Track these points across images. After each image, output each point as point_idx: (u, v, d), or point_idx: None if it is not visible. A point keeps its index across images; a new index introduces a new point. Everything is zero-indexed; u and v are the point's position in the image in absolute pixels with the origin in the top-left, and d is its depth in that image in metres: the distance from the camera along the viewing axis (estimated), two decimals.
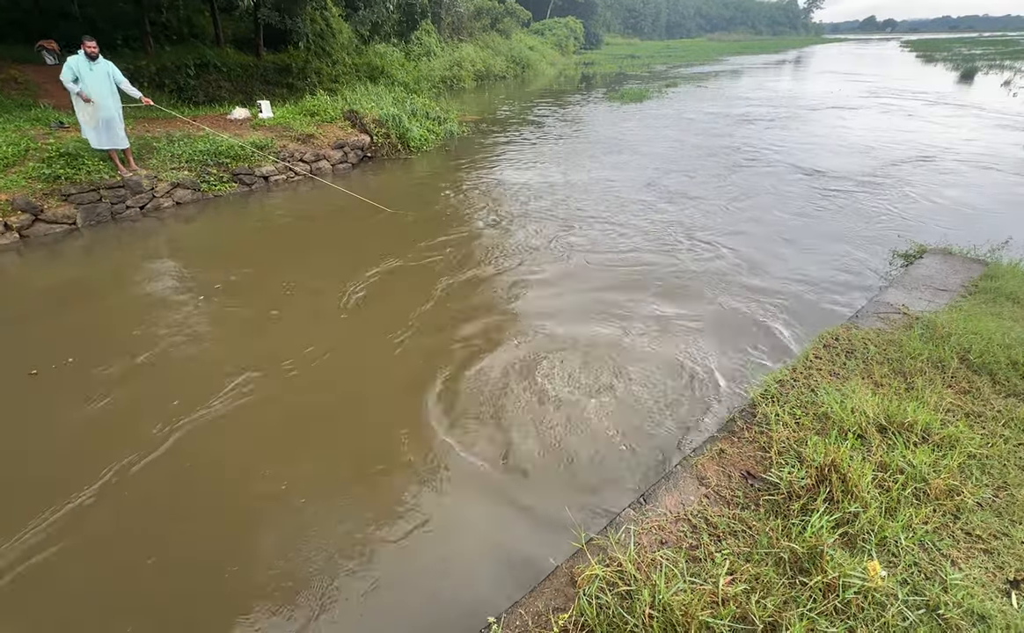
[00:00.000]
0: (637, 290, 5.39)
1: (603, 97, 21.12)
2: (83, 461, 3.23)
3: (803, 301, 5.23)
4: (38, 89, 11.25)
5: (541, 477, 3.06)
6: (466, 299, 5.26)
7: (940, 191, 8.75)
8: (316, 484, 3.06)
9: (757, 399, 3.16)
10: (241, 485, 3.09)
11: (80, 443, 3.44)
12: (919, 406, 2.84)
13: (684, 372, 4.01)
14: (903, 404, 2.85)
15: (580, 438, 3.34)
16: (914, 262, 5.77)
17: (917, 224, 7.36)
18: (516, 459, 3.19)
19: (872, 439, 2.65)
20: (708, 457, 2.73)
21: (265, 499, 2.97)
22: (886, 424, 2.72)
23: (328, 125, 11.10)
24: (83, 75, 6.79)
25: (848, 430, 2.71)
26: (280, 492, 3.00)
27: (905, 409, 2.78)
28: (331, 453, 3.31)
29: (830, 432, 2.69)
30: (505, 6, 37.15)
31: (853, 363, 3.54)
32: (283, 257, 6.41)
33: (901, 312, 4.41)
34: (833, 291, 5.47)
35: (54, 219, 6.91)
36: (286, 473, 3.13)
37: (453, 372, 4.04)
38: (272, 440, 3.43)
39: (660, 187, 9.00)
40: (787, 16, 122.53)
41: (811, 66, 40.08)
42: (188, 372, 4.15)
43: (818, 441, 2.58)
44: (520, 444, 3.30)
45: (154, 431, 3.46)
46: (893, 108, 17.58)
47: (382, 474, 3.14)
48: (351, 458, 3.28)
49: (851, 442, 2.59)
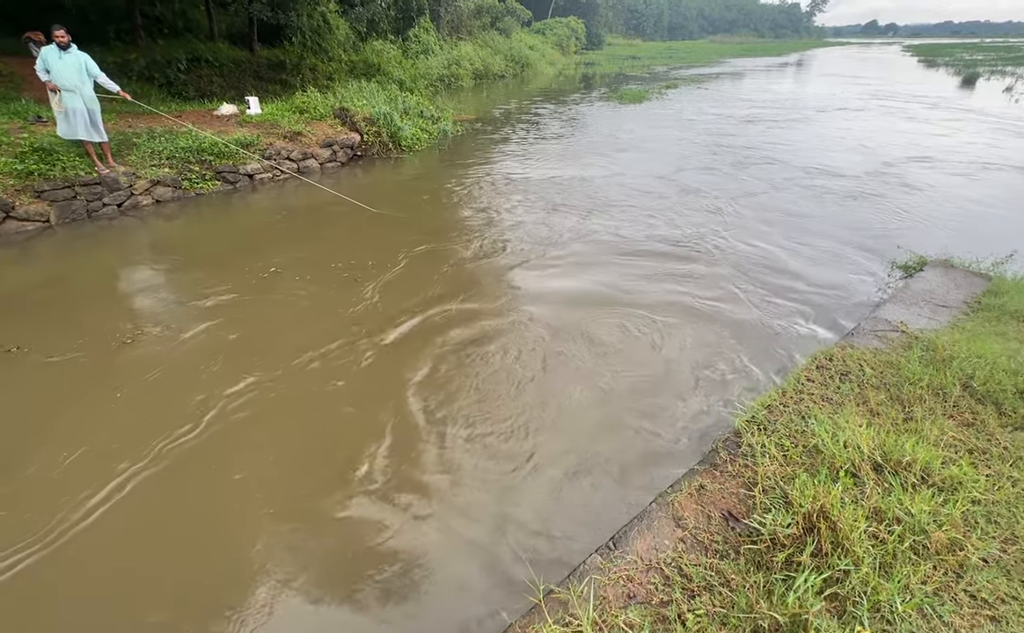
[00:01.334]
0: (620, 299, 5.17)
1: (601, 97, 20.87)
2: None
3: (797, 308, 5.02)
4: (22, 82, 11.00)
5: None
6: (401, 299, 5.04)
7: (942, 196, 8.55)
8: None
9: (742, 427, 2.93)
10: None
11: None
12: (918, 441, 2.61)
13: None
14: (901, 438, 2.62)
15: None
16: (914, 275, 5.55)
17: (916, 229, 7.16)
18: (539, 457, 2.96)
19: (866, 478, 2.42)
20: (686, 494, 2.50)
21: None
22: (882, 461, 2.49)
23: (318, 123, 10.86)
24: (52, 65, 6.58)
25: (840, 467, 2.48)
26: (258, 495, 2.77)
27: (903, 444, 2.55)
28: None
29: (820, 469, 2.46)
30: (506, 5, 36.87)
31: (848, 387, 3.31)
32: (262, 256, 6.18)
33: (899, 330, 4.18)
34: (828, 300, 5.25)
35: (26, 216, 6.67)
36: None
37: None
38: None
39: (657, 191, 8.77)
40: (789, 19, 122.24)
41: (813, 69, 39.86)
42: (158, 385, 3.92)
43: (807, 480, 2.35)
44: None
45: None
46: (894, 111, 17.37)
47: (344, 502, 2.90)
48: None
49: (843, 483, 2.35)
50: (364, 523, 2.73)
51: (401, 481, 3.00)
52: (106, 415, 3.56)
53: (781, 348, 4.41)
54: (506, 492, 2.93)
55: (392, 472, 3.06)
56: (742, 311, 5.00)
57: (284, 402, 3.70)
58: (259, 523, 2.73)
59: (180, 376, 3.96)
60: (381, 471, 3.06)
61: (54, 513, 2.77)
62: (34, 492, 2.93)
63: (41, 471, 3.07)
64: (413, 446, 3.27)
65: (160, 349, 4.33)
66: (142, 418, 3.51)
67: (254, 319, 4.83)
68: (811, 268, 6.00)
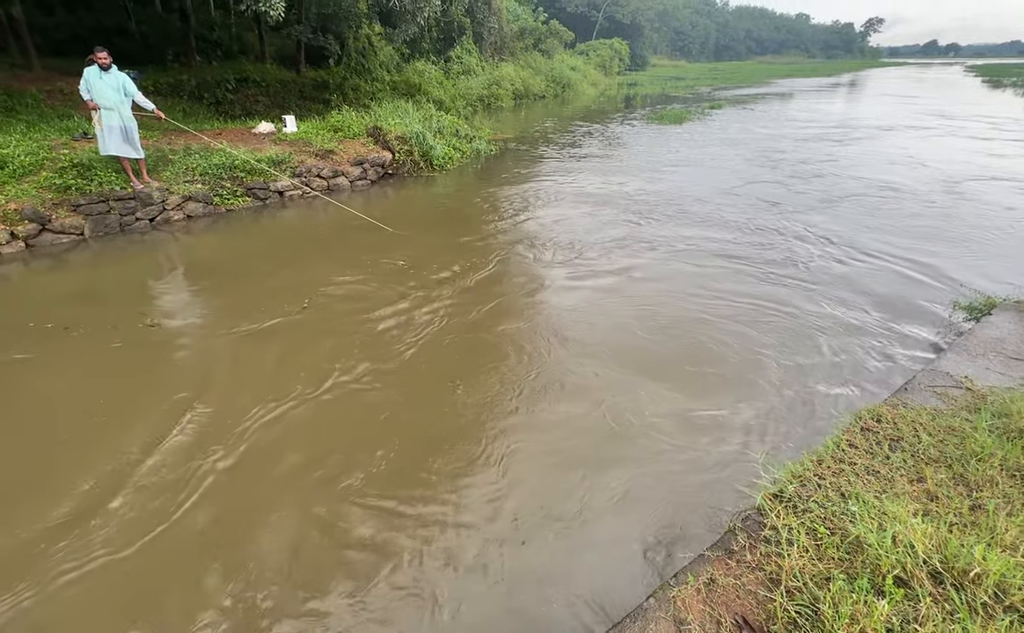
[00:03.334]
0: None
1: (641, 118, 20.45)
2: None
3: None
4: (80, 101, 11.69)
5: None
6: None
7: (1013, 222, 7.76)
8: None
9: (766, 503, 2.49)
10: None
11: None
12: (990, 543, 2.11)
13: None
14: (967, 537, 2.12)
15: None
16: (980, 319, 4.88)
17: (982, 260, 6.46)
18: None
19: (921, 592, 1.94)
20: (693, 589, 2.09)
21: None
22: (942, 569, 2.01)
23: (350, 141, 10.98)
24: (93, 84, 6.88)
25: (888, 572, 2.01)
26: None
27: (970, 547, 2.06)
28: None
29: (861, 573, 2.00)
30: (549, 27, 37.16)
31: (899, 458, 2.80)
32: (285, 271, 6.12)
33: (963, 387, 3.60)
34: (878, 342, 4.67)
35: (61, 229, 6.90)
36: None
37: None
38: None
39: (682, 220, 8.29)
40: (842, 40, 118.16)
41: (867, 88, 38.08)
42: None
43: (843, 588, 1.90)
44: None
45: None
46: (960, 131, 16.19)
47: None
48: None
49: (891, 597, 1.89)
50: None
51: (399, 484, 2.71)
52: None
53: (819, 402, 3.90)
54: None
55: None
56: (771, 344, 4.50)
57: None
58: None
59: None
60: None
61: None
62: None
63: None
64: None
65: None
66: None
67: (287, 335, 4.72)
68: (859, 300, 5.43)
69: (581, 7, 49.72)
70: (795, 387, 4.05)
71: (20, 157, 7.11)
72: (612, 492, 3.05)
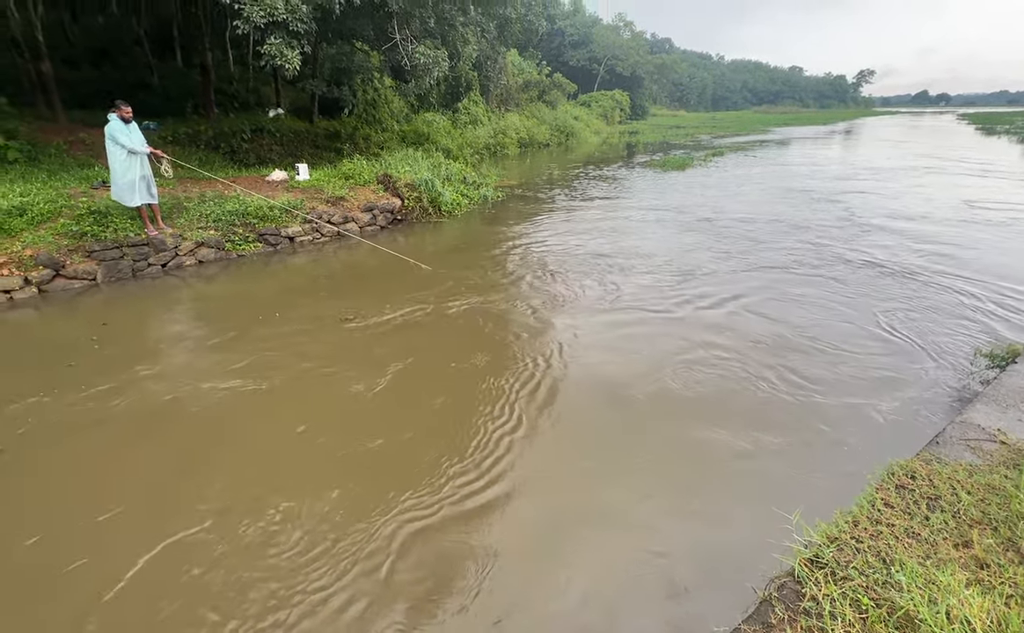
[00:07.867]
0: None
1: (642, 165, 20.90)
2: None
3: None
4: (103, 151, 12.07)
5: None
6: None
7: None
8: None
9: (803, 570, 2.33)
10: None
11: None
12: None
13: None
14: None
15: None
16: (1006, 367, 4.75)
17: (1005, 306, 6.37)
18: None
19: None
20: None
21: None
22: None
23: (361, 188, 11.21)
24: (131, 135, 7.15)
25: None
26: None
27: None
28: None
29: None
30: (552, 80, 38.59)
31: (939, 519, 2.64)
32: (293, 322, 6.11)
33: (997, 441, 3.46)
34: (903, 395, 4.53)
35: (74, 275, 6.96)
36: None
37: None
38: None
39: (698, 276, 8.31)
40: (835, 90, 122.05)
41: (863, 135, 38.97)
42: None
43: None
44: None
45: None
46: (961, 175, 16.41)
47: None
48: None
49: None
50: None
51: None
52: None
53: (847, 456, 3.75)
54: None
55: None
56: (785, 390, 4.38)
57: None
58: None
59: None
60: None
61: None
62: None
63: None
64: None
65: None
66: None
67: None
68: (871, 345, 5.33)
69: (583, 61, 51.84)
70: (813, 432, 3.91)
71: (39, 205, 7.25)
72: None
